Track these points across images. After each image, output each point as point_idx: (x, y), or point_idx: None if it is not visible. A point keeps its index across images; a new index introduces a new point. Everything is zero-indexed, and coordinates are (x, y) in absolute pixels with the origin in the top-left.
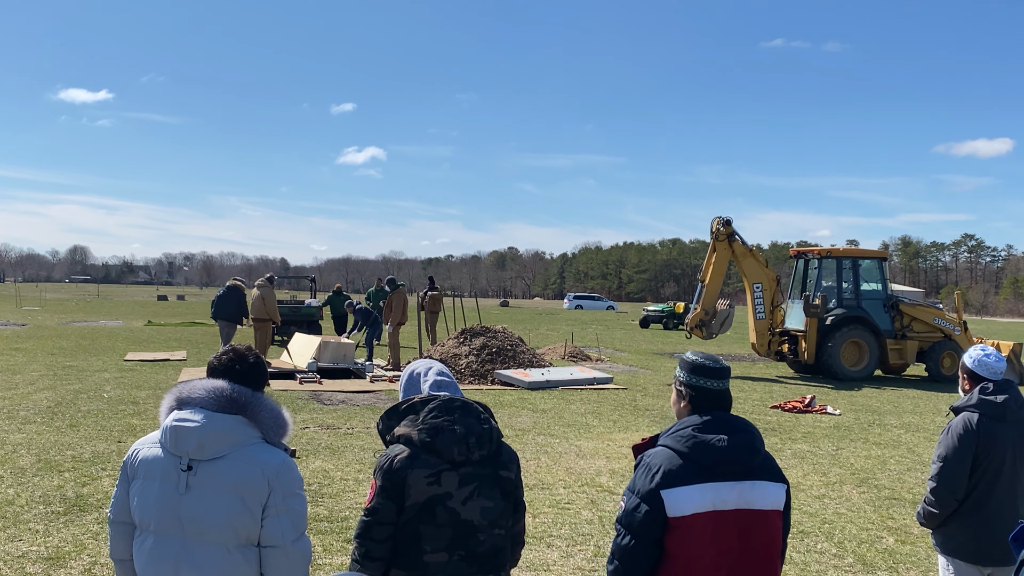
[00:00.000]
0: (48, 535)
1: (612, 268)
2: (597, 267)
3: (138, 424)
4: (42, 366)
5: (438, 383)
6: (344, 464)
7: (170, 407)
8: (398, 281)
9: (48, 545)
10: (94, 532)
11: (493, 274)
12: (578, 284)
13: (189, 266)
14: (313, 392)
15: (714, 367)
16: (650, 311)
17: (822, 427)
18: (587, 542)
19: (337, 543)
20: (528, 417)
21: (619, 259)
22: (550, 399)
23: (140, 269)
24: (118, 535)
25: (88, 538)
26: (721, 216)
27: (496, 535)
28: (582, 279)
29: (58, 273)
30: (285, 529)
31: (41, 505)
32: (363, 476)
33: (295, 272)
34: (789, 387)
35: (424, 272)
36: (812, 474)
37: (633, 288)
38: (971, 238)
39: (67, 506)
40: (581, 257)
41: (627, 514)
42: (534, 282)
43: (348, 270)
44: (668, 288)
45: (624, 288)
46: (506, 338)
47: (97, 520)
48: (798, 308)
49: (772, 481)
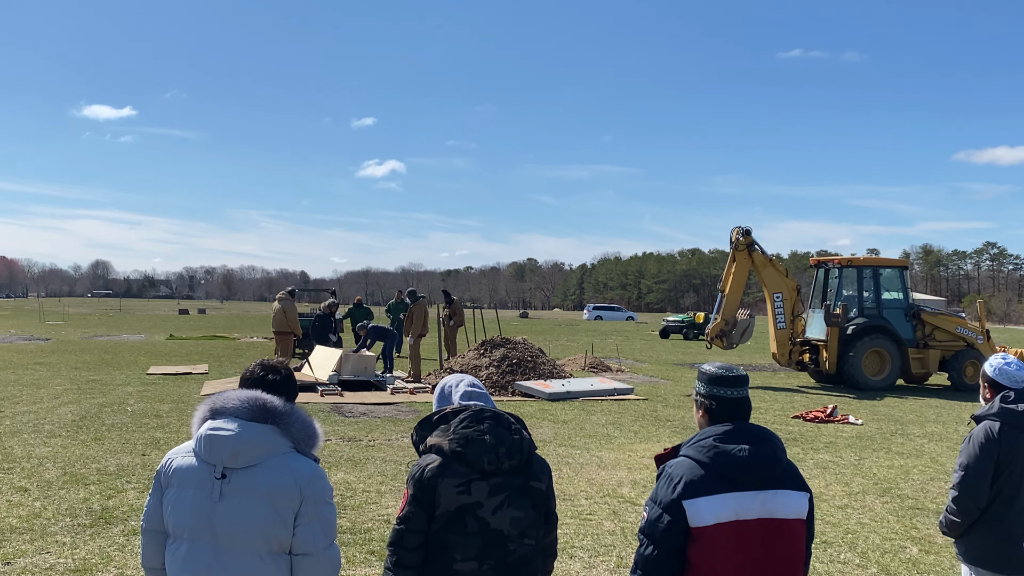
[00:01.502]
0: (75, 547)
1: (631, 279)
2: (616, 278)
3: (162, 437)
4: (66, 380)
5: (469, 394)
6: (366, 476)
7: (204, 417)
8: (419, 293)
9: (75, 557)
10: (120, 544)
11: (512, 285)
12: (597, 295)
13: (210, 280)
14: (335, 404)
15: (730, 376)
16: (670, 321)
17: (844, 437)
18: (609, 553)
19: (360, 554)
20: (549, 428)
21: (638, 269)
22: (571, 410)
23: (161, 283)
24: (150, 543)
25: (114, 550)
26: (741, 226)
27: (526, 545)
28: (601, 290)
29: (80, 288)
30: (317, 537)
31: (67, 518)
32: (385, 488)
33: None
34: (810, 397)
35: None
36: (835, 484)
37: (652, 298)
38: (993, 246)
39: (93, 519)
40: (600, 268)
41: (649, 524)
42: (553, 293)
43: (368, 282)
44: (687, 298)
45: (643, 298)
46: (526, 349)
47: (123, 532)
48: (819, 318)
49: (795, 490)
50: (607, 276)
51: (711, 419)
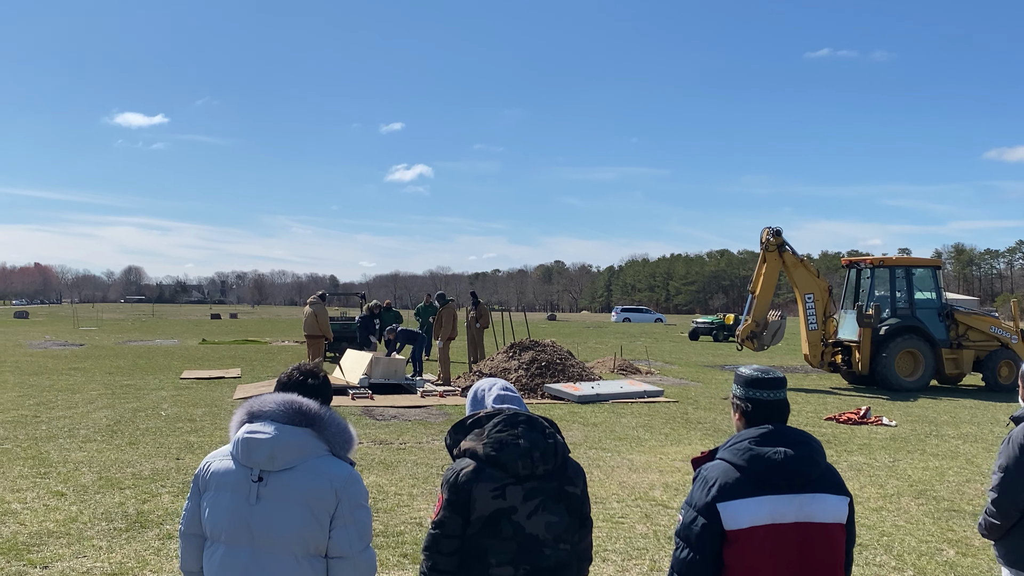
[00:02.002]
0: (111, 551)
1: (659, 280)
2: (644, 279)
3: (196, 441)
4: (100, 385)
5: (501, 397)
6: (398, 479)
7: (241, 421)
8: (448, 296)
9: (111, 561)
10: (156, 548)
11: (540, 288)
12: (625, 297)
13: (241, 284)
14: (365, 408)
15: (768, 378)
16: (699, 323)
17: (878, 439)
18: (642, 556)
19: (393, 557)
20: (579, 431)
21: (666, 271)
22: (600, 413)
23: (193, 288)
24: (188, 547)
25: (150, 554)
26: (771, 226)
27: (561, 550)
28: (629, 292)
29: (114, 293)
30: (352, 540)
31: (103, 522)
32: (417, 491)
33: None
34: (843, 398)
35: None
36: (869, 486)
37: (681, 300)
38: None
39: (129, 523)
40: (628, 270)
41: (685, 527)
42: (581, 295)
43: (396, 286)
44: (717, 300)
45: (672, 300)
46: (555, 352)
47: (158, 536)
48: (851, 318)
49: (834, 494)
50: (635, 278)
51: (748, 422)
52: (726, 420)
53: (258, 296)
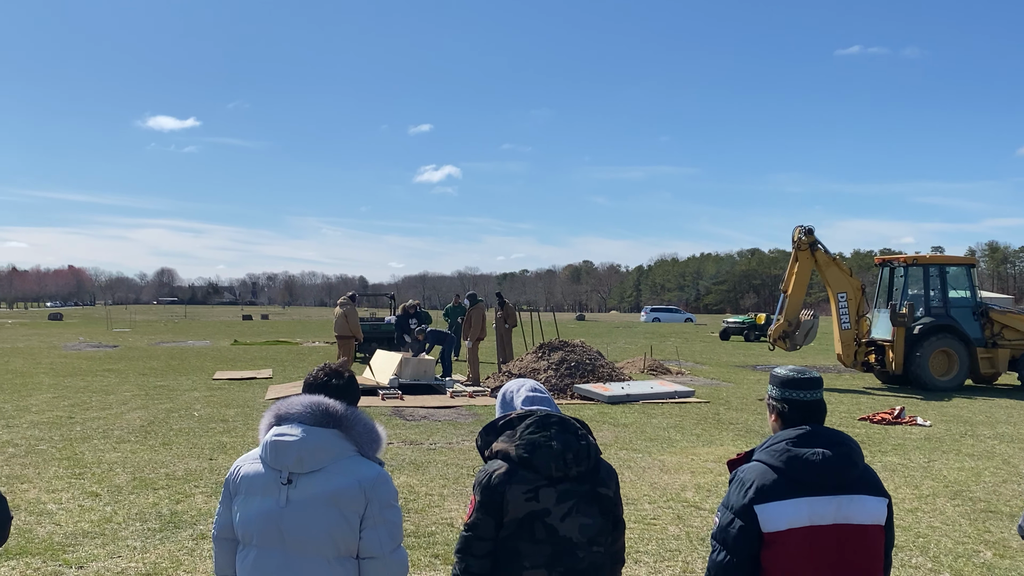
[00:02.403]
0: (145, 551)
1: (689, 280)
2: (674, 279)
3: (228, 442)
4: (134, 386)
5: (531, 399)
6: (428, 479)
7: (270, 423)
8: (478, 297)
9: (146, 561)
10: (189, 548)
11: (568, 288)
12: (654, 296)
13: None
14: (395, 408)
15: (804, 378)
16: (730, 323)
17: (912, 439)
18: (675, 558)
19: (424, 558)
20: (609, 432)
21: (696, 270)
22: (631, 413)
23: (225, 290)
24: (222, 551)
25: (184, 554)
26: (803, 225)
27: (595, 553)
28: (659, 291)
29: (146, 295)
30: (383, 540)
31: (137, 522)
32: (448, 492)
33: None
34: (877, 398)
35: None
36: (904, 487)
37: (711, 300)
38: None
39: (162, 523)
40: (657, 269)
41: (721, 530)
42: (610, 295)
43: (425, 287)
44: (748, 299)
45: (702, 300)
46: (585, 352)
47: (191, 536)
48: (884, 317)
49: (872, 495)
50: (664, 277)
51: (785, 423)
52: (758, 421)
53: (288, 297)
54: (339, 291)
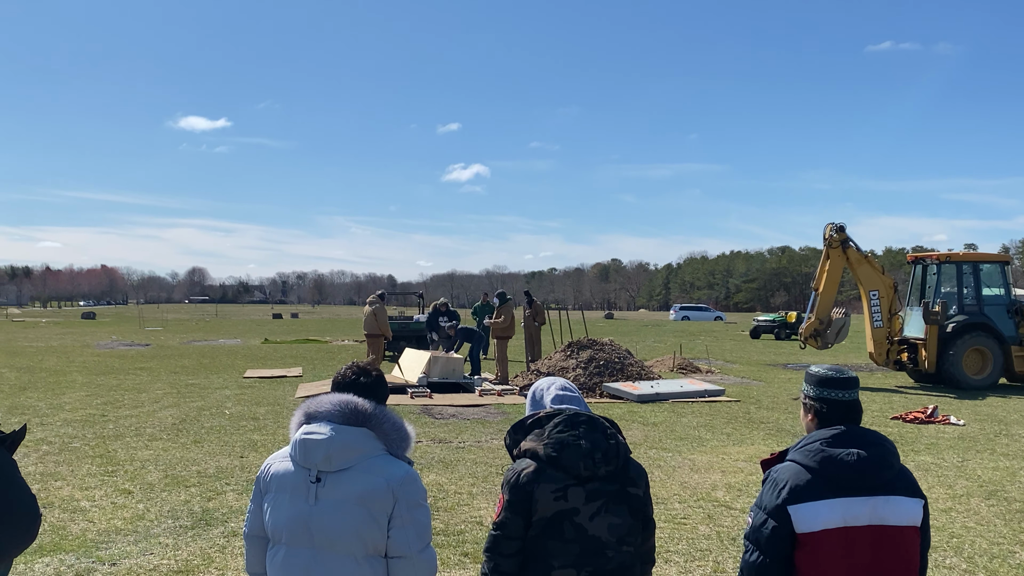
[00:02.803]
0: (177, 549)
1: (719, 278)
2: (703, 277)
3: (259, 440)
4: (166, 384)
5: (560, 397)
6: (457, 478)
7: (299, 422)
8: (507, 295)
9: (178, 559)
10: (220, 546)
11: (597, 286)
12: (684, 295)
13: (301, 284)
14: (424, 406)
15: (841, 378)
16: (761, 321)
17: (946, 438)
18: (705, 558)
19: (454, 556)
20: (639, 431)
21: (726, 268)
22: (660, 412)
23: (255, 289)
24: (253, 549)
25: (215, 551)
26: (834, 222)
27: (624, 552)
28: (688, 289)
29: (178, 294)
30: (411, 539)
31: (169, 519)
32: (477, 490)
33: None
34: (909, 397)
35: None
36: (937, 487)
37: (741, 298)
38: None
39: (194, 520)
40: (686, 267)
41: (754, 530)
42: (638, 293)
43: (453, 285)
44: (778, 297)
45: (732, 298)
46: (614, 351)
47: (223, 534)
48: (917, 315)
49: (908, 496)
50: (694, 275)
51: (820, 422)
52: (790, 420)
53: (318, 296)
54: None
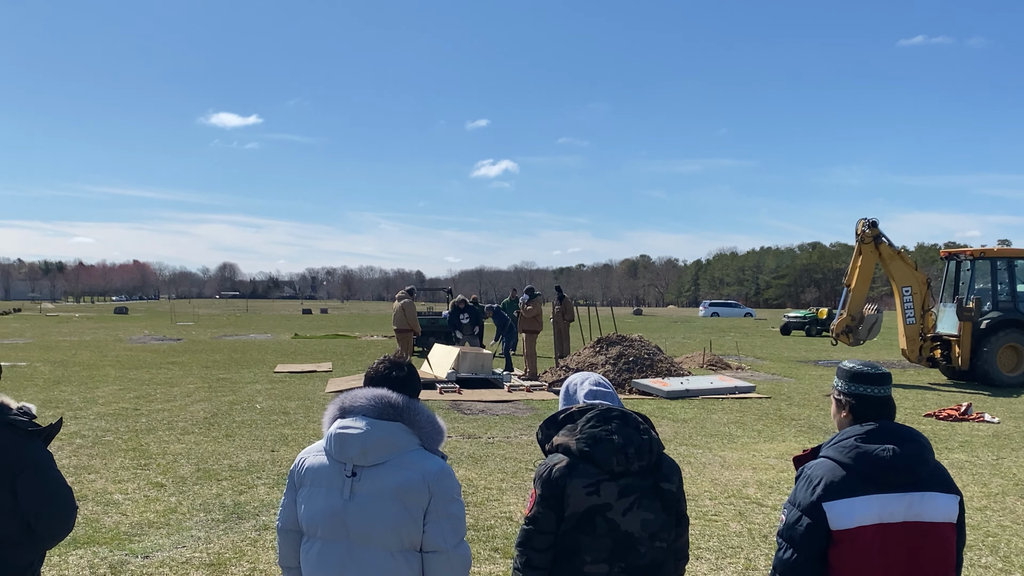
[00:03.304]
0: (209, 542)
1: (749, 274)
2: (733, 273)
3: (290, 434)
4: (197, 379)
5: (594, 392)
6: (487, 473)
7: (333, 416)
8: (536, 291)
9: (210, 552)
10: (252, 539)
11: (625, 282)
12: (713, 291)
13: (331, 280)
14: (453, 402)
15: (874, 373)
16: (791, 317)
17: (980, 436)
18: (736, 555)
19: (484, 551)
20: (668, 427)
21: (756, 264)
22: (690, 408)
23: (285, 284)
24: (286, 543)
25: (247, 545)
26: (866, 218)
27: (657, 548)
28: (717, 286)
29: (209, 289)
30: (447, 534)
31: (202, 512)
32: (506, 485)
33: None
34: (943, 394)
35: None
36: (972, 485)
37: (771, 294)
38: None
39: (226, 514)
40: (716, 263)
41: (788, 527)
42: (667, 290)
43: (481, 281)
44: (809, 293)
45: (762, 294)
46: (643, 347)
47: (254, 527)
48: (951, 312)
49: (944, 492)
50: (723, 272)
51: (853, 419)
52: (821, 416)
53: (347, 291)
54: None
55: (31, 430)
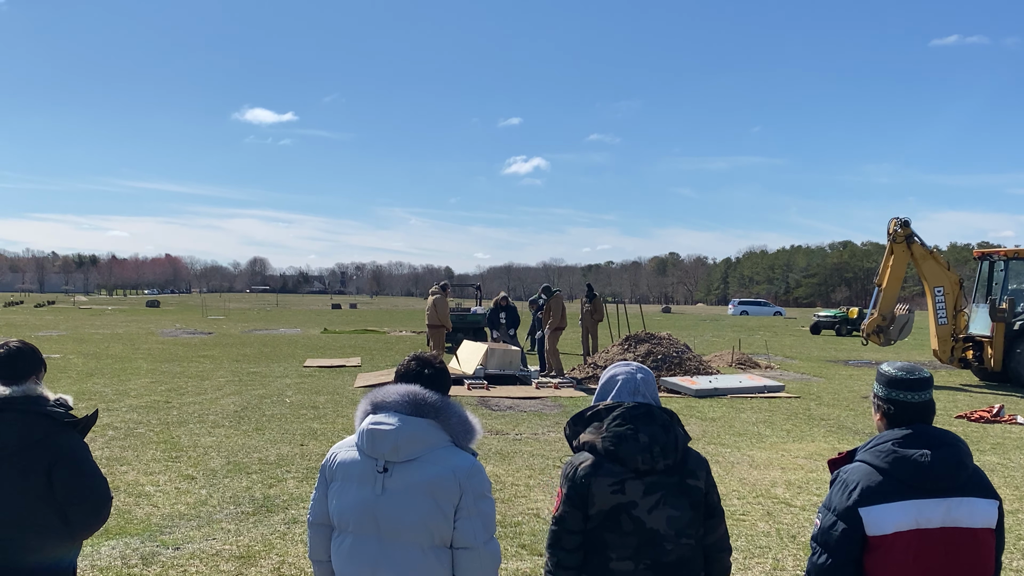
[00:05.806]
0: (239, 534)
1: (778, 272)
2: (762, 272)
3: (319, 428)
4: (228, 372)
5: (630, 390)
6: (515, 469)
7: (365, 411)
8: (553, 288)
9: (239, 544)
10: (281, 532)
11: (654, 280)
12: (742, 289)
13: (360, 275)
14: (481, 398)
15: (913, 379)
16: (821, 316)
17: (1012, 438)
18: (765, 555)
19: (512, 548)
20: (697, 426)
21: (786, 263)
22: (718, 407)
23: (315, 279)
24: (317, 536)
25: (276, 538)
26: (898, 217)
27: (683, 545)
28: (746, 284)
29: (239, 284)
30: (477, 531)
31: (231, 505)
32: (534, 482)
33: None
34: (975, 396)
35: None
36: (1004, 488)
37: (801, 293)
38: None
39: (255, 507)
40: (745, 262)
41: (823, 532)
42: (696, 288)
43: (510, 277)
44: (839, 292)
45: (791, 293)
46: (671, 345)
47: (283, 521)
48: (983, 312)
49: (982, 497)
50: (752, 270)
51: (890, 423)
52: (851, 417)
53: (376, 287)
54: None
55: (68, 421)
